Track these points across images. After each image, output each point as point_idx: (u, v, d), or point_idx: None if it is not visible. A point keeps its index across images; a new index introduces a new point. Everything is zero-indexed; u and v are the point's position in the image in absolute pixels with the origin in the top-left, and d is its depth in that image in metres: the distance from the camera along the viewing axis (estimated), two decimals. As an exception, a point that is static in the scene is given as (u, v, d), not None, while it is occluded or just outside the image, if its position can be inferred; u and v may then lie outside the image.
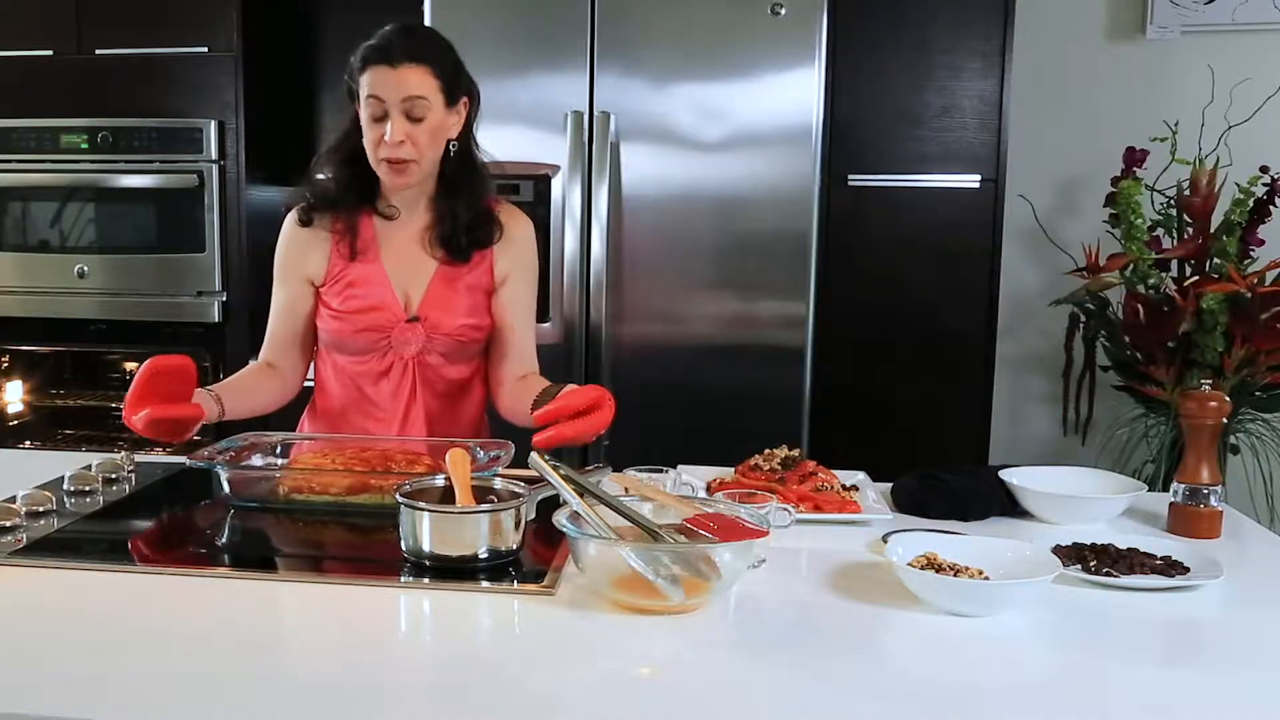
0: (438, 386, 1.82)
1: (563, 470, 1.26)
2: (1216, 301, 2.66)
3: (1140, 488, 1.56)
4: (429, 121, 1.68)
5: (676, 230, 2.65)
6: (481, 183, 1.81)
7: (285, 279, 1.85)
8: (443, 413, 1.84)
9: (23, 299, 3.18)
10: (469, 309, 1.80)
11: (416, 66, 1.66)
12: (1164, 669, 1.06)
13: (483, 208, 1.80)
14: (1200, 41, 3.16)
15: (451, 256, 1.79)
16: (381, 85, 1.66)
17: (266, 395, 1.83)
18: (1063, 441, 3.28)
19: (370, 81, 1.68)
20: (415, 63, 1.66)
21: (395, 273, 1.79)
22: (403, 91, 1.66)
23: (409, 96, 1.66)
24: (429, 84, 1.67)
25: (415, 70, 1.66)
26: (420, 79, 1.66)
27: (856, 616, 1.16)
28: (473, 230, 1.78)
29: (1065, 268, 3.12)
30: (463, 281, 1.80)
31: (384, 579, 1.25)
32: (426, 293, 1.79)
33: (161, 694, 0.95)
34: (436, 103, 1.68)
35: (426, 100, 1.67)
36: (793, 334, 2.63)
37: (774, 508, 1.36)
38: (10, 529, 1.37)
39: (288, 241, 1.85)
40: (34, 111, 3.13)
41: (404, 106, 1.67)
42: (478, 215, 1.79)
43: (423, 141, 1.69)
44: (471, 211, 1.78)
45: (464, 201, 1.77)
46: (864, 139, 2.92)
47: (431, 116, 1.68)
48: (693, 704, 0.95)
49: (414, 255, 1.80)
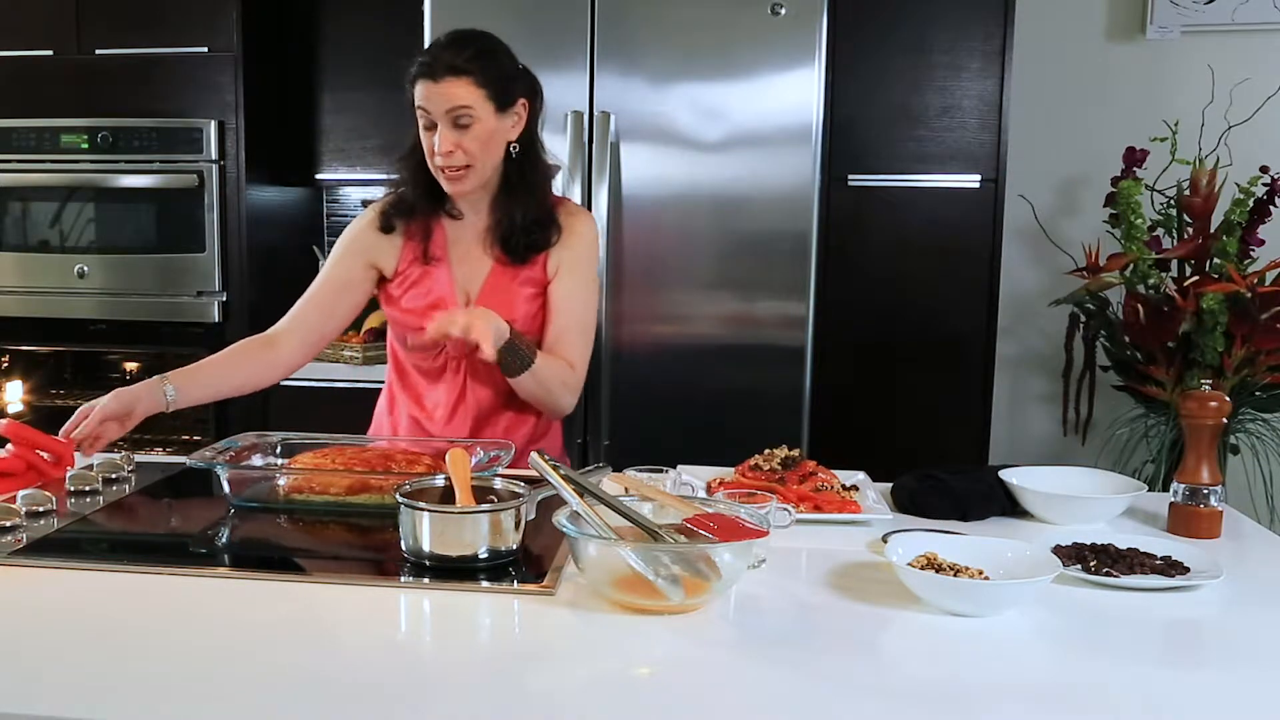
0: (489, 385, 1.83)
1: (563, 470, 1.26)
2: (1216, 301, 2.66)
3: (1140, 488, 1.56)
4: (476, 129, 1.71)
5: (676, 230, 2.65)
6: (542, 184, 1.82)
7: (344, 257, 1.87)
8: (494, 412, 1.84)
9: (23, 299, 3.18)
10: (523, 307, 1.80)
11: (458, 79, 1.69)
12: (1164, 669, 1.06)
13: (543, 210, 1.81)
14: (1200, 41, 3.16)
15: (509, 257, 1.80)
16: (427, 99, 1.71)
17: (250, 372, 1.83)
18: (1063, 441, 3.28)
19: (419, 95, 1.72)
20: (456, 75, 1.69)
21: (459, 273, 1.83)
22: (445, 104, 1.70)
23: (452, 108, 1.70)
24: (472, 94, 1.70)
25: (457, 83, 1.69)
26: (463, 91, 1.69)
27: (856, 616, 1.16)
28: (531, 232, 1.79)
29: (1065, 268, 3.13)
30: (518, 280, 1.81)
31: (384, 579, 1.25)
32: (481, 291, 1.81)
33: (161, 694, 0.95)
34: (484, 110, 1.71)
35: (471, 110, 1.70)
36: (793, 334, 2.63)
37: (774, 508, 1.36)
38: (10, 529, 1.37)
39: (363, 231, 1.87)
40: (34, 111, 3.13)
41: (450, 117, 1.70)
42: (537, 218, 1.79)
43: (473, 149, 1.72)
44: (529, 214, 1.79)
45: (522, 203, 1.79)
46: (864, 139, 2.92)
47: (479, 124, 1.71)
48: (693, 704, 0.95)
49: (476, 255, 1.83)
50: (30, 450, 1.62)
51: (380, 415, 1.96)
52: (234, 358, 1.83)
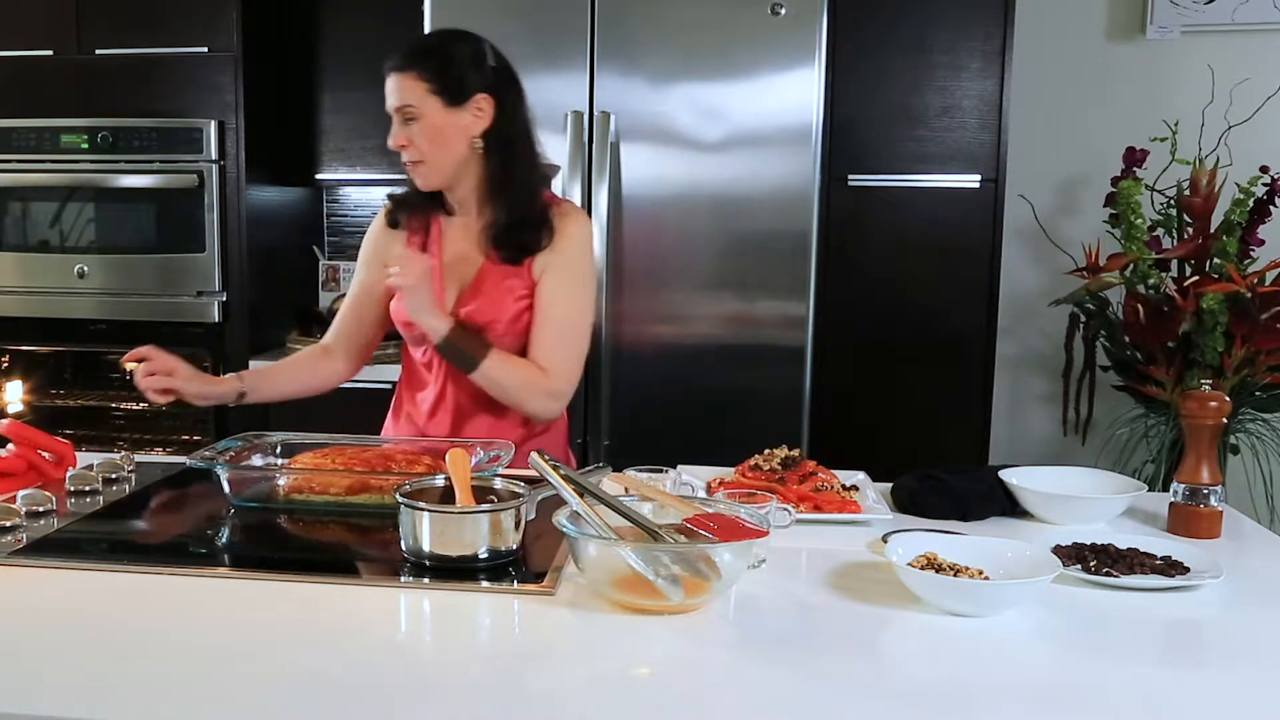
0: (467, 386, 1.81)
1: (563, 470, 1.26)
2: (1216, 301, 2.66)
3: (1140, 488, 1.56)
4: (424, 124, 1.74)
5: (676, 230, 2.65)
6: (525, 184, 1.80)
7: (364, 265, 1.94)
8: (475, 410, 1.84)
9: (23, 299, 3.18)
10: (511, 308, 1.80)
11: (404, 74, 1.74)
12: (1164, 669, 1.06)
13: (532, 210, 1.79)
14: (1200, 41, 3.16)
15: (500, 257, 1.80)
16: (387, 94, 1.76)
17: (310, 379, 1.94)
18: (1063, 441, 3.28)
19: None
20: (402, 71, 1.74)
21: (450, 268, 1.84)
22: (393, 100, 1.76)
23: (398, 106, 1.75)
24: (416, 89, 1.73)
25: (403, 78, 1.74)
26: (407, 85, 1.74)
27: (856, 616, 1.16)
28: (520, 232, 1.78)
29: (1065, 268, 3.13)
30: (506, 280, 1.80)
31: (384, 579, 1.25)
32: (468, 289, 1.81)
33: (161, 694, 0.95)
34: (429, 105, 1.73)
35: (414, 106, 1.74)
36: (793, 334, 2.63)
37: (774, 508, 1.36)
38: (10, 529, 1.37)
39: (376, 232, 1.94)
40: (34, 111, 3.13)
41: (400, 114, 1.76)
42: (525, 218, 1.78)
43: (421, 144, 1.76)
44: (514, 214, 1.78)
45: (505, 203, 1.78)
46: (864, 139, 2.92)
47: (426, 119, 1.74)
48: (693, 704, 0.95)
49: (469, 252, 1.84)
50: (31, 450, 1.62)
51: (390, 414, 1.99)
52: (300, 365, 1.96)
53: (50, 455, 1.64)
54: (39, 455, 1.62)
